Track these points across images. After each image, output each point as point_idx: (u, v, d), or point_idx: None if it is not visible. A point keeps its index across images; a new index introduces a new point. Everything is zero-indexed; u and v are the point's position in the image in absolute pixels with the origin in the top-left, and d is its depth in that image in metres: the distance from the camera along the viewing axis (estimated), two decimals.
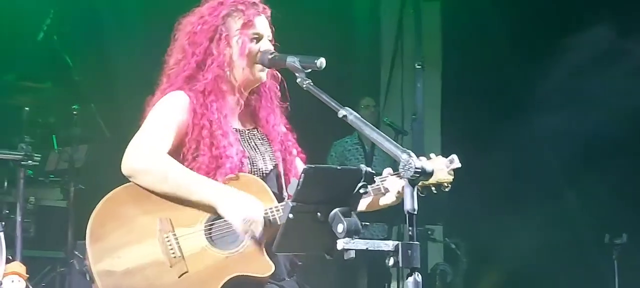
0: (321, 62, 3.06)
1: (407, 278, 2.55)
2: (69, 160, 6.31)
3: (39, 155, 5.64)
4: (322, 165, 2.71)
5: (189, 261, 3.03)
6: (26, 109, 5.86)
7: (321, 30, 7.81)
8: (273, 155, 3.32)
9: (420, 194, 3.32)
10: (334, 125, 2.90)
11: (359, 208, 3.25)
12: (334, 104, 2.91)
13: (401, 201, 2.61)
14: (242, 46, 3.22)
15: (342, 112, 2.85)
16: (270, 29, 3.33)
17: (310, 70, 3.08)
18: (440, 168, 3.33)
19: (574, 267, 7.26)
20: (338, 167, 2.75)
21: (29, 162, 5.54)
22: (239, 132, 3.28)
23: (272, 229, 3.04)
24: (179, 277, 3.01)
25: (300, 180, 2.62)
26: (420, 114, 7.49)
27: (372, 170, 2.68)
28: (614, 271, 6.87)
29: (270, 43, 3.29)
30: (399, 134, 7.28)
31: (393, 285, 7.13)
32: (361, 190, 2.66)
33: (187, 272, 3.02)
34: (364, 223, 2.66)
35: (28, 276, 4.92)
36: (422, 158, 3.29)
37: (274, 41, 3.33)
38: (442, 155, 3.39)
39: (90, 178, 6.29)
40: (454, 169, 3.38)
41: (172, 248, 3.03)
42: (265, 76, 3.28)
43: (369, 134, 2.77)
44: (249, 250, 3.06)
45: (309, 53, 3.13)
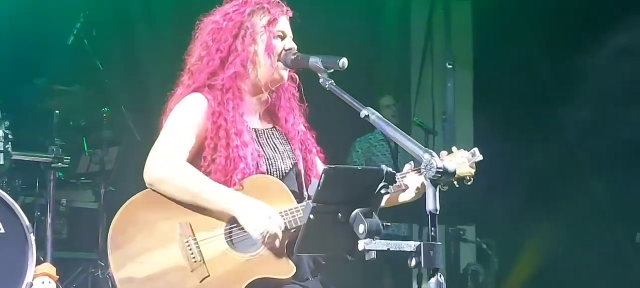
0: (343, 62, 3.04)
1: (430, 279, 2.52)
2: (100, 162, 6.37)
3: (68, 157, 5.70)
4: (343, 165, 2.70)
5: (209, 265, 3.04)
6: (57, 112, 5.92)
7: (350, 30, 7.81)
8: (292, 154, 3.30)
9: (442, 189, 3.31)
10: (353, 125, 2.89)
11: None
12: (356, 104, 2.90)
13: (422, 197, 2.59)
14: (268, 42, 3.21)
15: (364, 112, 2.84)
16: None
17: (332, 70, 3.07)
18: (462, 161, 3.31)
19: (605, 266, 7.18)
20: (358, 168, 2.76)
21: (59, 164, 5.60)
22: (257, 132, 3.27)
23: (292, 232, 3.04)
24: (201, 282, 3.02)
25: (321, 180, 2.62)
26: (451, 113, 7.46)
27: (393, 171, 2.68)
28: None
29: (292, 43, 3.27)
30: (429, 134, 7.24)
31: (423, 285, 7.10)
32: (382, 191, 2.65)
33: (209, 276, 3.03)
34: (385, 223, 2.65)
35: (58, 277, 4.97)
36: (443, 153, 3.28)
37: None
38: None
39: (120, 180, 6.34)
40: (475, 162, 3.36)
41: (193, 253, 3.04)
42: (286, 75, 3.27)
43: (392, 134, 2.76)
44: (269, 252, 3.06)
45: (338, 53, 3.11)
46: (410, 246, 2.53)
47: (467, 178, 3.31)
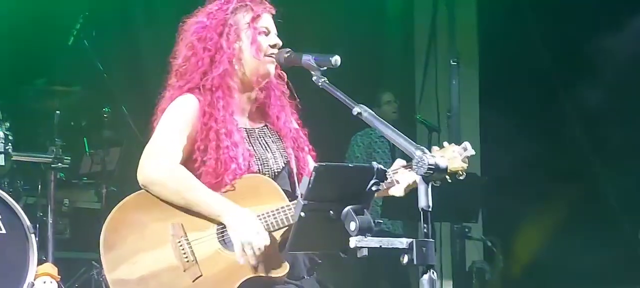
0: (336, 60, 3.04)
1: (423, 275, 2.51)
2: (102, 162, 6.38)
3: (69, 157, 5.71)
4: (333, 163, 2.69)
5: (202, 265, 3.03)
6: (57, 112, 5.92)
7: (354, 27, 7.80)
8: (285, 152, 3.29)
9: (434, 184, 3.29)
10: (350, 122, 2.87)
11: None
12: (348, 101, 2.90)
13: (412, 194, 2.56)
14: (253, 38, 3.20)
15: (357, 109, 2.84)
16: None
17: (325, 68, 3.06)
18: (454, 156, 3.28)
19: (612, 264, 7.15)
20: (349, 165, 2.74)
21: (59, 164, 5.62)
22: (248, 131, 3.26)
23: (285, 231, 3.04)
24: (193, 281, 3.02)
25: (311, 178, 2.61)
26: (456, 110, 7.43)
27: (384, 168, 2.66)
28: None
29: (277, 38, 3.26)
30: (432, 131, 7.20)
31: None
32: (373, 188, 2.64)
33: (201, 275, 3.02)
34: (377, 220, 2.64)
35: (60, 277, 4.98)
36: (435, 148, 3.26)
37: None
38: (480, 153, 3.34)
39: (122, 180, 6.34)
40: (467, 157, 3.32)
41: (185, 253, 3.04)
42: (273, 70, 3.26)
43: (383, 130, 2.75)
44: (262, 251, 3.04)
45: (341, 50, 3.11)
46: (402, 243, 2.51)
47: (460, 173, 3.27)
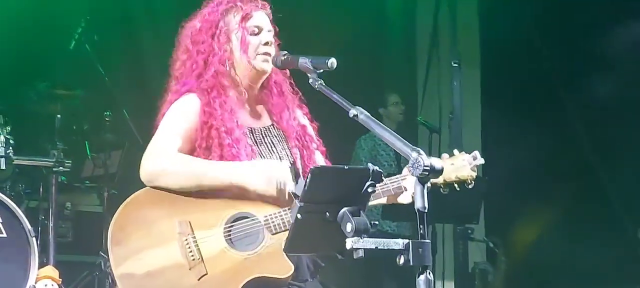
0: (332, 63, 3.06)
1: (419, 276, 2.52)
2: (104, 166, 6.40)
3: (70, 161, 5.73)
4: (329, 165, 2.71)
5: (208, 263, 3.05)
6: (58, 116, 5.96)
7: (356, 29, 7.80)
8: (290, 152, 3.31)
9: (442, 192, 3.31)
10: (354, 124, 2.88)
11: (380, 201, 3.25)
12: (345, 103, 2.90)
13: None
14: (242, 39, 3.23)
15: (353, 111, 2.85)
16: (273, 26, 3.33)
17: (321, 70, 3.08)
18: (463, 165, 3.31)
19: (614, 264, 7.15)
20: (345, 167, 2.74)
21: (60, 168, 5.64)
22: (253, 131, 3.29)
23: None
24: (199, 280, 3.04)
25: (307, 180, 2.62)
26: (458, 112, 7.42)
27: (380, 169, 2.67)
28: None
29: (270, 35, 3.28)
30: (433, 133, 7.22)
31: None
32: (369, 190, 2.64)
33: (206, 274, 3.04)
34: (373, 221, 2.65)
35: (61, 280, 4.99)
36: (445, 156, 3.28)
37: (278, 39, 3.33)
38: (482, 154, 3.36)
39: (124, 184, 6.36)
40: (477, 166, 3.35)
41: (191, 251, 3.05)
42: (269, 68, 3.27)
43: (380, 133, 2.77)
44: (267, 251, 3.07)
45: (343, 52, 3.18)
46: (398, 244, 2.52)
47: (469, 181, 3.31)
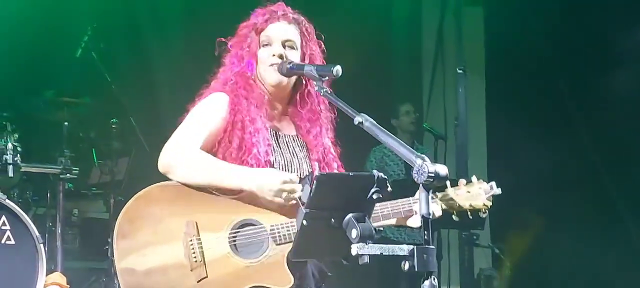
0: (337, 70, 3.09)
1: (424, 282, 2.53)
2: (110, 173, 6.43)
3: (77, 168, 5.76)
4: (335, 172, 2.73)
5: (209, 267, 3.06)
6: (66, 123, 5.99)
7: (362, 37, 7.82)
8: (310, 163, 3.34)
9: (454, 219, 3.32)
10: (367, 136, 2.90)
11: (389, 222, 3.26)
12: (350, 111, 2.92)
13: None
14: (254, 52, 3.31)
15: (358, 119, 2.86)
16: (305, 32, 3.37)
17: (327, 78, 3.12)
18: (479, 193, 3.33)
19: (620, 271, 7.14)
20: (350, 174, 2.75)
21: (68, 175, 5.67)
22: (278, 134, 3.33)
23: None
24: (198, 282, 3.05)
25: (313, 187, 2.65)
26: (463, 119, 7.43)
27: (384, 176, 2.70)
28: None
29: (280, 47, 3.31)
30: (439, 139, 7.23)
31: None
32: (374, 196, 2.67)
33: (206, 277, 3.05)
34: (378, 228, 2.67)
35: (68, 286, 5.01)
36: (462, 182, 3.30)
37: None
38: (488, 160, 3.37)
39: (130, 191, 6.36)
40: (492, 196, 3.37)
41: (195, 253, 3.07)
42: (276, 78, 3.29)
43: (385, 140, 2.78)
44: (270, 261, 3.08)
45: (349, 60, 3.20)
46: (403, 250, 2.54)
47: (483, 210, 3.33)
